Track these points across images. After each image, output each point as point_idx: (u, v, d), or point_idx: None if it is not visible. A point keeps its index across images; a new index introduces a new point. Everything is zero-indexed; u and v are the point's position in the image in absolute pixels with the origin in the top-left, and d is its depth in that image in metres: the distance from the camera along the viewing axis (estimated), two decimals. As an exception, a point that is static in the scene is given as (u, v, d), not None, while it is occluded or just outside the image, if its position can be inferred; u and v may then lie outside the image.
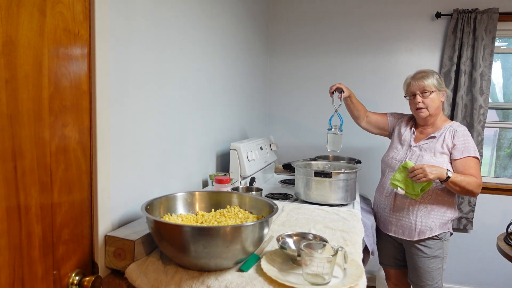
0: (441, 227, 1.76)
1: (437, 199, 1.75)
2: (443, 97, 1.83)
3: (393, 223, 1.86)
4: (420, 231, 1.77)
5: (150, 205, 1.04)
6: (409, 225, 1.79)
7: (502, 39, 2.73)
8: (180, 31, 1.44)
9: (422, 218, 1.76)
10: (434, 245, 1.77)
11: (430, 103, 1.79)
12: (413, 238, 1.79)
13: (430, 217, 1.75)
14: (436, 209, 1.75)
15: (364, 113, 2.08)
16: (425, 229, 1.76)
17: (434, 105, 1.79)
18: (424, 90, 1.79)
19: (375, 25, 2.77)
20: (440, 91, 1.81)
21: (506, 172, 2.94)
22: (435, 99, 1.79)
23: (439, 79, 1.81)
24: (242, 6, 2.23)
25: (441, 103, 1.83)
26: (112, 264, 1.01)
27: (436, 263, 1.78)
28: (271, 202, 1.10)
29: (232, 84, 2.12)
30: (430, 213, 1.75)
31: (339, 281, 0.92)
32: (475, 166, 1.71)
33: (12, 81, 0.74)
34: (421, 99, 1.80)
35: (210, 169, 1.84)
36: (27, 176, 0.78)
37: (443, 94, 1.83)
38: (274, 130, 3.05)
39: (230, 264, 0.95)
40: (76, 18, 0.90)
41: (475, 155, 1.72)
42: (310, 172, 1.71)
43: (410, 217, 1.78)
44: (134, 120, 1.17)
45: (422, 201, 1.75)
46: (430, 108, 1.79)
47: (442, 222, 1.76)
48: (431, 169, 1.59)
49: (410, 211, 1.78)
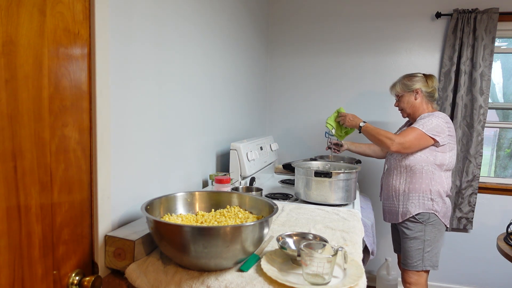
0: (419, 207, 1.90)
1: (411, 182, 1.92)
2: (418, 94, 1.96)
3: (386, 211, 2.09)
4: (402, 213, 1.96)
5: (150, 205, 1.04)
6: (395, 209, 2.00)
7: (502, 39, 2.73)
8: (180, 31, 1.44)
9: (403, 202, 1.95)
10: (414, 227, 1.92)
11: (403, 105, 2.03)
12: (398, 220, 1.98)
13: (409, 200, 1.93)
14: (413, 192, 1.92)
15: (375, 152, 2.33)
16: (405, 211, 1.94)
17: (408, 105, 2.00)
18: (396, 95, 2.07)
19: (375, 25, 2.77)
20: (410, 91, 1.97)
21: (506, 172, 2.94)
22: (406, 101, 2.00)
23: (406, 82, 1.99)
24: (242, 6, 2.23)
25: (416, 101, 1.97)
26: (112, 264, 1.01)
27: (416, 244, 1.92)
28: (271, 202, 1.10)
29: (232, 84, 2.12)
30: (408, 196, 1.93)
31: (339, 281, 0.92)
32: (409, 131, 1.85)
33: (12, 81, 0.74)
34: (397, 102, 2.07)
35: (210, 169, 1.84)
36: (27, 176, 0.78)
37: (417, 92, 1.96)
38: (274, 130, 3.05)
39: (230, 264, 0.95)
40: (76, 18, 0.90)
41: (420, 128, 1.83)
42: (310, 172, 1.71)
43: (394, 202, 2.00)
44: (134, 120, 1.17)
45: (401, 187, 1.96)
46: (406, 109, 2.02)
47: (420, 203, 1.90)
48: (350, 119, 2.06)
49: (394, 197, 1.99)
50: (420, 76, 2.01)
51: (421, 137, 1.83)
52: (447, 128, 1.86)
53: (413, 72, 2.07)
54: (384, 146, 1.88)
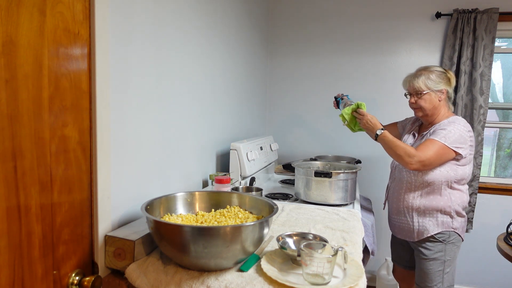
0: (438, 226, 1.72)
1: (429, 199, 1.72)
2: (443, 95, 1.75)
3: (396, 225, 1.87)
4: (419, 231, 1.76)
5: (150, 205, 1.04)
6: (408, 227, 1.79)
7: (502, 39, 2.73)
8: (180, 31, 1.44)
9: (419, 219, 1.75)
10: (433, 247, 1.74)
11: (423, 104, 1.75)
12: (414, 239, 1.78)
13: (426, 217, 1.74)
14: (430, 210, 1.73)
15: None
16: (422, 230, 1.74)
17: (428, 106, 1.75)
18: (416, 92, 1.76)
19: (375, 25, 2.77)
20: (436, 91, 1.73)
21: (506, 172, 2.94)
22: (428, 100, 1.74)
23: (435, 78, 1.74)
24: (242, 5, 2.23)
25: (439, 103, 1.75)
26: (112, 264, 1.01)
27: (436, 265, 1.75)
28: (271, 202, 1.10)
29: (232, 84, 2.12)
30: (424, 213, 1.74)
31: (339, 281, 0.92)
32: (430, 146, 1.63)
33: (12, 81, 0.74)
34: (415, 99, 1.77)
35: (210, 169, 1.84)
36: (27, 176, 0.78)
37: (442, 92, 1.75)
38: (274, 130, 3.05)
39: (230, 264, 0.95)
40: (76, 18, 0.90)
41: (441, 140, 1.63)
42: (310, 172, 1.71)
43: (407, 218, 1.78)
44: (134, 120, 1.17)
45: (415, 202, 1.74)
46: (423, 109, 1.76)
47: (439, 222, 1.72)
48: (369, 121, 1.76)
49: (407, 213, 1.78)
50: (444, 73, 1.77)
51: (444, 151, 1.63)
52: (469, 138, 1.68)
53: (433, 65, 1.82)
54: (401, 163, 1.68)
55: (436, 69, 1.77)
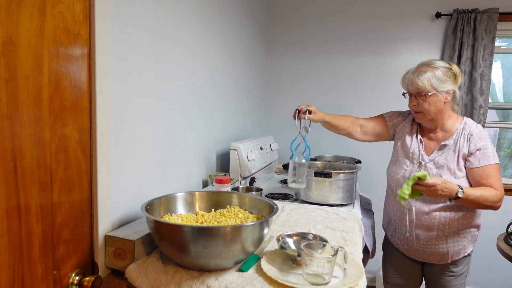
0: (473, 241, 1.61)
1: (470, 217, 1.56)
2: (449, 96, 1.50)
3: (419, 251, 1.62)
4: (454, 252, 1.57)
5: (150, 205, 1.04)
6: (441, 251, 1.58)
7: (502, 39, 2.73)
8: (180, 31, 1.44)
9: (454, 240, 1.56)
10: (463, 262, 1.61)
11: (427, 107, 1.50)
12: (447, 261, 1.60)
13: (461, 236, 1.56)
14: (467, 227, 1.55)
15: (354, 126, 1.74)
16: (458, 250, 1.57)
17: (433, 109, 1.50)
18: (419, 93, 1.50)
19: (375, 25, 2.77)
20: (443, 92, 1.48)
21: (506, 172, 2.94)
22: (433, 103, 1.49)
23: (442, 76, 1.47)
24: (242, 5, 2.23)
25: (445, 105, 1.52)
26: (112, 264, 1.01)
27: (460, 279, 1.63)
28: (271, 202, 1.10)
29: (232, 84, 2.12)
30: (459, 232, 1.55)
31: (339, 281, 0.92)
32: (495, 175, 1.47)
33: (12, 81, 0.74)
34: (417, 101, 1.51)
35: (210, 169, 1.84)
36: (27, 176, 0.78)
37: (449, 93, 1.50)
38: (274, 130, 3.05)
39: (230, 264, 0.95)
40: (76, 18, 0.90)
41: (495, 161, 1.48)
42: (310, 172, 1.71)
43: (441, 244, 1.56)
44: (134, 120, 1.17)
45: (453, 224, 1.54)
46: (428, 113, 1.52)
47: (472, 237, 1.60)
48: (445, 189, 1.38)
49: (440, 237, 1.55)
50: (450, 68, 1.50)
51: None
52: None
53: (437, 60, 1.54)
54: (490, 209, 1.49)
55: (441, 64, 1.51)
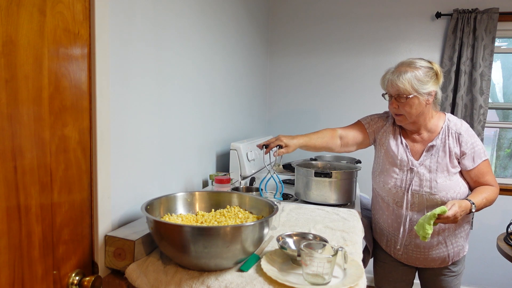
0: (467, 238, 1.61)
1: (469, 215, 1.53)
2: (431, 98, 1.46)
3: (420, 258, 1.58)
4: (454, 254, 1.56)
5: (150, 205, 1.04)
6: (442, 255, 1.55)
7: (502, 39, 2.73)
8: (180, 31, 1.44)
9: (453, 241, 1.55)
10: (461, 261, 1.61)
11: (408, 110, 1.45)
12: (448, 263, 1.58)
13: (458, 236, 1.55)
14: (459, 224, 1.54)
15: (333, 139, 1.63)
16: (458, 251, 1.56)
17: (414, 112, 1.45)
18: (399, 95, 1.44)
19: (375, 25, 2.77)
20: (424, 93, 1.43)
21: (506, 172, 2.94)
22: (414, 105, 1.44)
23: (423, 77, 1.41)
24: (242, 6, 2.23)
25: (426, 107, 1.47)
26: (112, 264, 1.01)
27: (459, 278, 1.62)
28: (271, 202, 1.10)
29: (232, 84, 2.12)
30: (456, 233, 1.54)
31: (339, 281, 0.92)
32: (489, 170, 1.52)
33: (12, 81, 0.74)
34: (397, 104, 1.46)
35: (210, 169, 1.84)
36: (27, 176, 0.78)
37: (431, 95, 1.45)
38: (274, 130, 3.05)
39: (230, 264, 0.95)
40: (76, 18, 0.90)
41: (486, 157, 1.51)
42: (310, 172, 1.71)
43: (441, 248, 1.54)
44: (134, 120, 1.17)
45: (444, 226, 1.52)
46: (409, 116, 1.47)
47: (466, 234, 1.59)
48: (461, 214, 1.36)
49: (440, 242, 1.53)
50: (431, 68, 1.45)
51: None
52: None
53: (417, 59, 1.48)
54: None
55: (422, 64, 1.45)
